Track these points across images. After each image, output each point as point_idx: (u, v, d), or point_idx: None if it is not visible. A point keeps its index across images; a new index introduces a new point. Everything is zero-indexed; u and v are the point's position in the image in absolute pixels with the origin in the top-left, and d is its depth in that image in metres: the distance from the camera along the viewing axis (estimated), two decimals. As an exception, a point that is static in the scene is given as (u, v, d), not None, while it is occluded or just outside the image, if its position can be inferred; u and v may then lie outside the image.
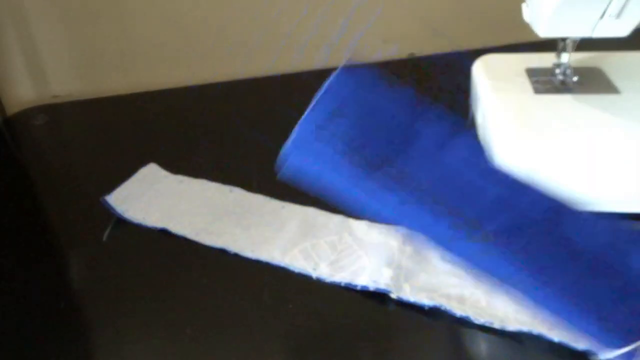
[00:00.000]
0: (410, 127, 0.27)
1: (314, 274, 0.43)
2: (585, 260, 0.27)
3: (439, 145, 0.27)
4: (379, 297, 0.41)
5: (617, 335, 0.25)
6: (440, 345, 0.38)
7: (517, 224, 0.27)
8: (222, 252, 0.45)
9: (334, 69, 0.75)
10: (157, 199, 0.51)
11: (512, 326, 0.37)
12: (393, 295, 0.40)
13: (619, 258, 0.28)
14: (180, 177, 0.54)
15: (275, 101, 0.70)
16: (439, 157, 0.27)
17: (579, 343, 0.36)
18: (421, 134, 0.27)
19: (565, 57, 0.52)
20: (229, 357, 0.38)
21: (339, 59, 0.77)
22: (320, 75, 0.75)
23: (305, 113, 0.28)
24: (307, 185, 0.27)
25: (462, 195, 0.27)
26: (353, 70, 0.29)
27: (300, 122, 0.28)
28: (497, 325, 0.38)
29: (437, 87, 0.71)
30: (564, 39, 0.51)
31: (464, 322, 0.39)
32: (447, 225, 0.26)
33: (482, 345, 0.38)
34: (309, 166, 0.27)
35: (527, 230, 0.27)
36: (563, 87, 0.52)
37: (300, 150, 0.28)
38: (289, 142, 0.28)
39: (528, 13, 0.51)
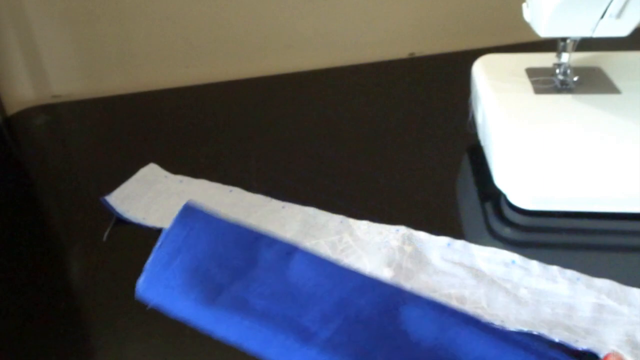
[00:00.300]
0: (249, 254, 0.29)
1: (314, 274, 0.43)
2: (418, 352, 0.27)
3: (278, 264, 0.29)
4: (379, 297, 0.40)
5: None
6: (440, 345, 0.37)
7: (352, 324, 0.27)
8: (222, 252, 0.45)
9: (334, 68, 0.76)
10: (157, 199, 0.51)
11: (512, 326, 0.37)
12: (393, 295, 0.40)
13: (449, 349, 0.29)
14: (180, 177, 0.54)
15: (275, 101, 0.70)
16: (278, 275, 0.28)
17: (579, 343, 0.36)
18: (259, 258, 0.29)
19: (565, 57, 0.52)
20: (229, 357, 0.38)
21: (339, 59, 0.77)
22: (321, 75, 0.75)
23: (153, 252, 0.31)
24: (166, 312, 0.30)
25: (300, 305, 0.27)
26: (196, 209, 0.31)
27: (149, 260, 0.31)
28: (497, 325, 0.38)
29: (437, 87, 0.71)
30: (564, 39, 0.51)
31: (464, 322, 0.39)
32: (284, 337, 0.27)
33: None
34: (161, 299, 0.30)
35: (361, 330, 0.27)
36: (563, 87, 0.52)
37: (150, 287, 0.31)
38: (140, 280, 0.31)
39: (528, 13, 0.51)
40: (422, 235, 0.45)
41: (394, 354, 0.26)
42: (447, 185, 0.53)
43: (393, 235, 0.45)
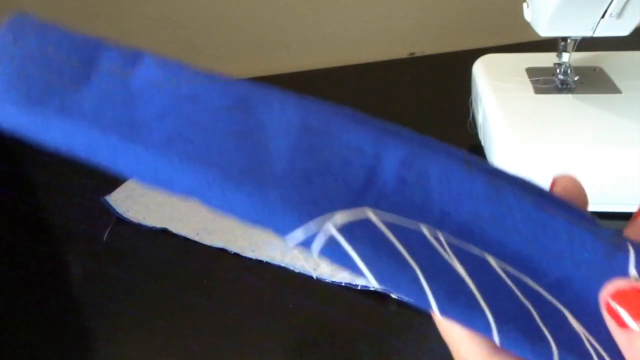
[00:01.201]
0: (87, 59, 0.24)
1: (315, 274, 0.43)
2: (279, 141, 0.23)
3: (120, 69, 0.24)
4: (379, 297, 0.40)
5: (298, 210, 0.21)
6: (440, 345, 0.37)
7: (194, 118, 0.23)
8: (222, 252, 0.45)
9: (334, 68, 0.76)
10: (157, 199, 0.51)
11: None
12: (393, 295, 0.40)
13: (319, 135, 0.24)
14: (180, 177, 0.54)
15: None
16: (117, 79, 0.24)
17: None
18: (99, 63, 0.24)
19: (565, 57, 0.52)
20: (229, 357, 0.38)
21: (339, 59, 0.77)
22: (321, 75, 0.75)
23: None
24: None
25: (136, 104, 0.24)
26: (28, 17, 0.26)
27: None
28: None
29: (437, 87, 0.71)
30: (564, 39, 0.51)
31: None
32: (112, 137, 0.23)
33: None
34: None
35: (205, 124, 0.23)
36: (564, 87, 0.52)
37: None
38: None
39: (528, 13, 0.51)
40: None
41: (243, 146, 0.23)
42: (447, 185, 0.53)
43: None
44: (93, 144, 0.23)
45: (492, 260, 0.22)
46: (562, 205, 0.23)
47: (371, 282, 0.20)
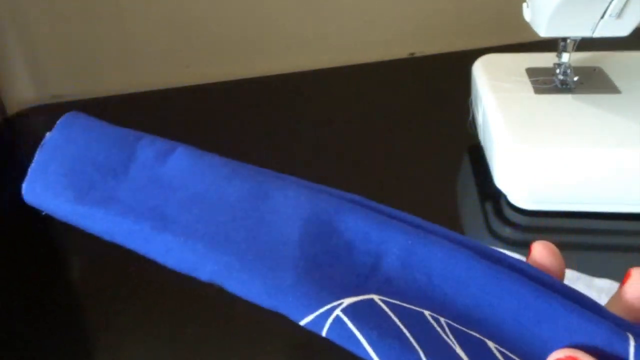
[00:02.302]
0: (127, 154, 0.28)
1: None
2: (289, 229, 0.25)
3: (154, 161, 0.28)
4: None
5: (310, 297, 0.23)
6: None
7: (213, 208, 0.26)
8: (222, 252, 0.45)
9: (334, 68, 0.76)
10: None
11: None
12: None
13: (326, 225, 0.25)
14: (180, 177, 0.54)
15: (275, 101, 0.70)
16: (151, 171, 0.27)
17: None
18: (136, 158, 0.28)
19: (565, 57, 0.52)
20: (229, 357, 0.38)
21: (339, 59, 0.77)
22: (321, 75, 0.75)
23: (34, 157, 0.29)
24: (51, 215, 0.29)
25: (165, 195, 0.27)
26: (78, 115, 0.30)
27: (31, 166, 0.30)
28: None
29: (437, 87, 0.71)
30: (564, 39, 0.51)
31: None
32: (144, 226, 0.26)
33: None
34: (41, 203, 0.29)
35: (222, 213, 0.26)
36: (563, 87, 0.52)
37: (31, 192, 0.30)
38: (23, 185, 0.30)
39: (528, 13, 0.51)
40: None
41: (258, 233, 0.25)
42: (447, 185, 0.53)
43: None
44: (128, 234, 0.27)
45: (491, 345, 0.22)
46: (562, 291, 0.24)
47: None
